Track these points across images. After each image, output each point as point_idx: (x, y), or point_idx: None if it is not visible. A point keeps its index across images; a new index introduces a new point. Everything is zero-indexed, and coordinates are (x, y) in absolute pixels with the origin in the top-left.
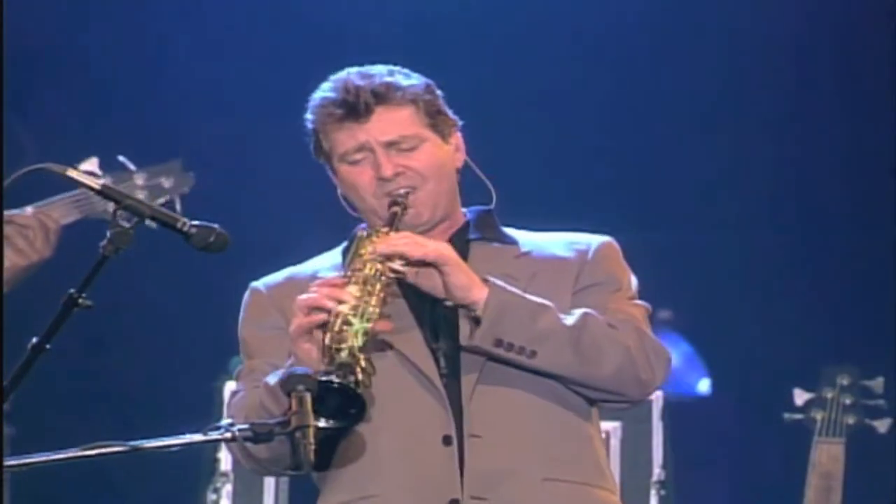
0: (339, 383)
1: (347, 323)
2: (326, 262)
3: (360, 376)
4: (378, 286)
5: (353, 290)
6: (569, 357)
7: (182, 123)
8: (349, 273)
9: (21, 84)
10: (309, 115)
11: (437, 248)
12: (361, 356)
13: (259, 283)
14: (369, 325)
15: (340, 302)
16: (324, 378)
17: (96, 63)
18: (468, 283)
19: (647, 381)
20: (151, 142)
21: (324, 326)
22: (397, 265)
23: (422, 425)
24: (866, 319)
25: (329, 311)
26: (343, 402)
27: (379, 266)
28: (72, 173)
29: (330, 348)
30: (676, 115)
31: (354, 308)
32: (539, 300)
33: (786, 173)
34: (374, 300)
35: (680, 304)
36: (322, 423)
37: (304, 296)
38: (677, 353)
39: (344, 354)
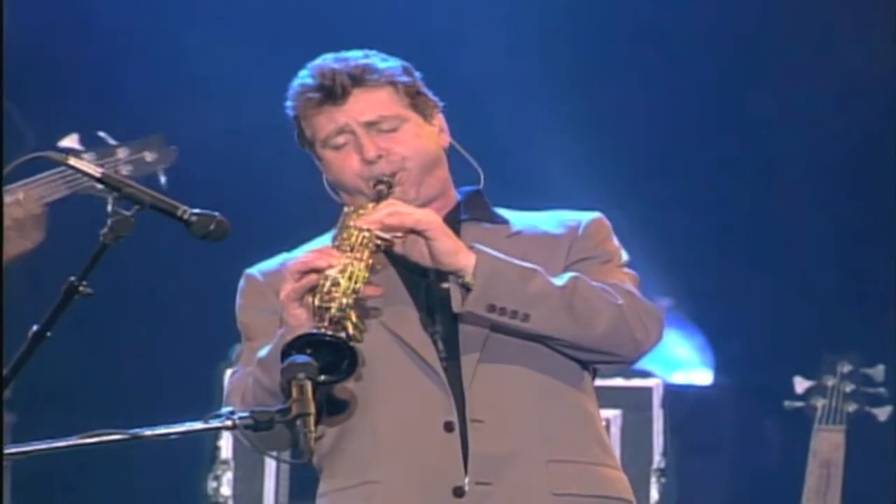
0: (330, 336)
1: (336, 284)
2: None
3: (350, 330)
4: (366, 253)
5: (342, 256)
6: (563, 318)
7: (179, 112)
8: (337, 243)
9: (21, 73)
10: (288, 103)
11: (420, 214)
12: (351, 312)
13: (254, 270)
14: (358, 286)
15: (329, 266)
16: (314, 331)
17: (96, 53)
18: (454, 249)
19: (641, 340)
20: (150, 131)
21: (313, 290)
22: (383, 233)
23: (423, 411)
24: (867, 307)
25: (319, 272)
26: (335, 356)
27: (366, 234)
28: (72, 161)
29: (319, 308)
30: (677, 100)
31: (342, 271)
32: (527, 265)
33: (787, 160)
34: (362, 265)
35: (681, 292)
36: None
37: (293, 262)
38: (691, 344)
39: (333, 309)
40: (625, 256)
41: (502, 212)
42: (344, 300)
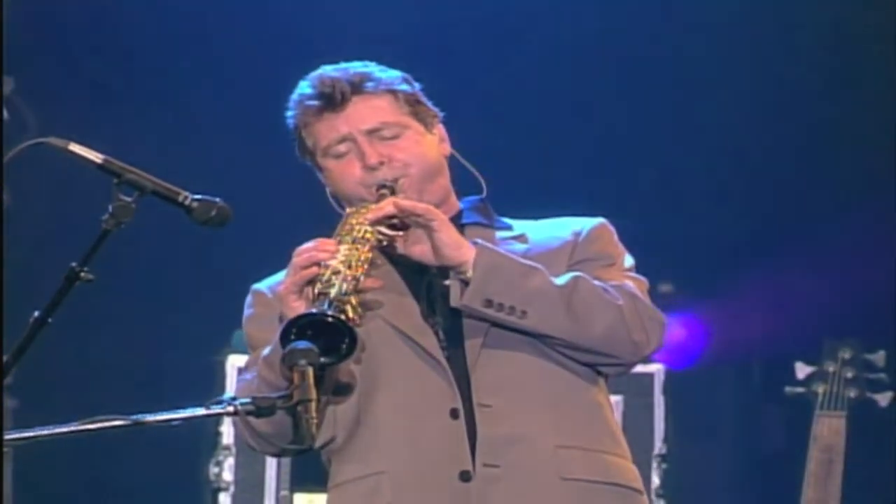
0: (330, 316)
1: (337, 272)
2: None
3: (350, 314)
4: (367, 246)
5: (342, 248)
6: (560, 317)
7: (183, 103)
8: (338, 238)
9: (23, 59)
10: (288, 113)
11: (425, 204)
12: (351, 297)
13: (261, 285)
14: (358, 274)
15: (331, 257)
16: (313, 311)
17: (100, 40)
18: (457, 242)
19: (640, 342)
20: (152, 124)
21: (312, 282)
22: (385, 229)
23: (427, 400)
24: (868, 293)
25: (319, 265)
26: (334, 338)
27: (368, 229)
28: (73, 147)
29: (319, 294)
30: (673, 94)
31: (343, 261)
32: (528, 262)
33: (788, 147)
34: (362, 256)
35: (681, 278)
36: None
37: (296, 259)
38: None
39: (333, 293)
40: (630, 261)
41: (506, 219)
42: (344, 286)
